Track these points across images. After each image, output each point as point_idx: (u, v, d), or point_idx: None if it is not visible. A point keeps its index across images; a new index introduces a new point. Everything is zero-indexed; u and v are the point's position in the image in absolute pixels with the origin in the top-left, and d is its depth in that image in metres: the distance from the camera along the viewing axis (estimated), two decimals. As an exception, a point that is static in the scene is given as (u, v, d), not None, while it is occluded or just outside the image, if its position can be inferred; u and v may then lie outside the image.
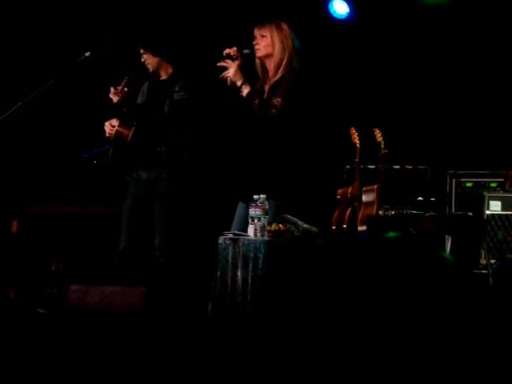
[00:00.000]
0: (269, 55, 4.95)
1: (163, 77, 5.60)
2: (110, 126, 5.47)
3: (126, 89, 5.44)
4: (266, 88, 4.97)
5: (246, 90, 4.88)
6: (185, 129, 5.52)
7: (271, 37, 4.94)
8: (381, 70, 6.85)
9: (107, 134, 5.49)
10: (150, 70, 5.55)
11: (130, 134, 5.42)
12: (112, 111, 5.49)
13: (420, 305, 4.55)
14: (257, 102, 4.85)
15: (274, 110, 4.81)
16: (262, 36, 4.95)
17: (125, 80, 5.46)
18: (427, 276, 4.63)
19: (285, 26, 4.98)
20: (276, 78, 4.94)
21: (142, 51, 5.53)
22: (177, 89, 5.48)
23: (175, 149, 5.51)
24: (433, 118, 6.75)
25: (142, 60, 5.54)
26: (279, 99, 4.82)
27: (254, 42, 4.96)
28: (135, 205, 5.56)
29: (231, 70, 4.89)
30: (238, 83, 4.89)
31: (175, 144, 5.50)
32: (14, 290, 6.15)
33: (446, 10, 6.69)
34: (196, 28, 6.76)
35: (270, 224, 4.55)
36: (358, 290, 4.48)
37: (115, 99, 5.43)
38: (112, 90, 5.43)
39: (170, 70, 5.58)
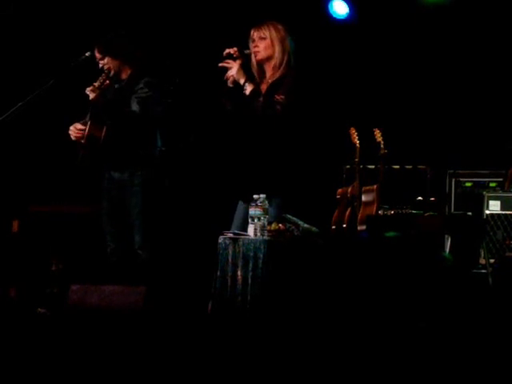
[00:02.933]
0: (269, 58, 4.93)
1: (124, 78, 5.61)
2: (76, 130, 5.46)
3: (107, 81, 5.43)
4: (264, 87, 4.96)
5: (249, 88, 4.86)
6: (154, 125, 5.54)
7: (270, 39, 4.91)
8: (381, 70, 6.85)
9: (73, 138, 5.47)
10: (111, 73, 5.55)
11: (103, 133, 5.42)
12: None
13: (420, 304, 4.56)
14: (261, 99, 4.84)
15: (278, 107, 4.81)
16: (261, 38, 4.92)
17: (104, 75, 5.44)
18: (427, 276, 4.64)
19: (281, 27, 4.97)
20: (275, 78, 4.93)
21: (99, 56, 5.52)
22: (141, 86, 5.49)
23: (147, 145, 5.52)
24: (432, 118, 6.76)
25: (101, 65, 5.53)
26: (282, 96, 4.82)
27: (253, 45, 4.93)
28: (112, 205, 5.57)
29: (234, 69, 4.87)
30: (241, 81, 4.87)
31: (146, 140, 5.52)
32: (14, 290, 6.16)
33: (445, 10, 6.69)
34: (195, 30, 6.78)
35: (270, 224, 4.55)
36: (358, 289, 4.49)
37: (92, 96, 5.37)
38: (89, 87, 5.40)
39: (129, 71, 5.60)
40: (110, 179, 5.59)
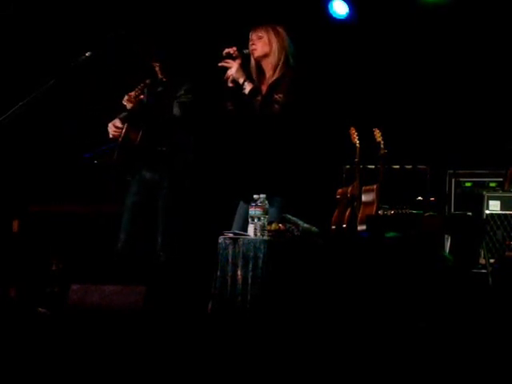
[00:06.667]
0: (266, 55, 4.96)
1: (166, 79, 5.61)
2: (114, 128, 5.48)
3: (142, 96, 5.44)
4: (264, 88, 4.98)
5: (248, 87, 4.90)
6: (192, 131, 5.55)
7: (268, 37, 4.95)
8: (380, 70, 6.86)
9: (111, 135, 5.49)
10: (159, 73, 5.56)
11: (139, 136, 5.43)
12: (115, 112, 5.48)
13: (420, 304, 4.56)
14: (259, 98, 4.88)
15: (276, 106, 4.83)
16: (259, 37, 4.96)
17: (141, 86, 5.45)
18: (427, 276, 4.64)
19: (280, 28, 4.99)
20: (274, 77, 4.96)
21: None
22: (183, 92, 5.49)
23: (179, 149, 5.53)
24: (432, 118, 6.76)
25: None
26: (280, 95, 4.84)
27: (250, 43, 4.96)
28: (138, 204, 5.57)
29: (233, 68, 4.91)
30: (241, 80, 4.91)
31: (179, 145, 5.52)
32: (14, 290, 6.16)
33: (445, 10, 6.69)
34: (194, 30, 6.77)
35: (270, 224, 4.56)
36: (358, 289, 4.49)
37: (129, 106, 5.39)
38: (126, 96, 5.40)
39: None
40: (140, 180, 5.59)
